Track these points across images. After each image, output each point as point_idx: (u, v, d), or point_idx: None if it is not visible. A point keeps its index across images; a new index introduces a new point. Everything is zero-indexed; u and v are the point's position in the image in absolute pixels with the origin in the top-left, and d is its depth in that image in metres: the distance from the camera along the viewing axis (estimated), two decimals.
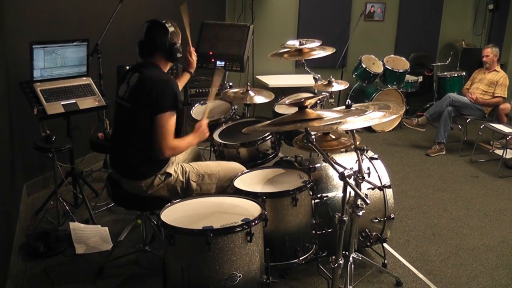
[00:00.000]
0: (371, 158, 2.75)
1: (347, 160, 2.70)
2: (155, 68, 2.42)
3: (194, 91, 4.69)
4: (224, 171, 2.56)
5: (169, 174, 2.44)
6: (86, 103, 3.28)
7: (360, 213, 2.20)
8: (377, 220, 2.70)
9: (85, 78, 3.42)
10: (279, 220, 2.30)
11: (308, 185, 2.38)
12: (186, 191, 2.48)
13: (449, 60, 6.30)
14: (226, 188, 2.52)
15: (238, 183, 2.42)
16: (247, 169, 2.64)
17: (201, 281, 1.89)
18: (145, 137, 2.36)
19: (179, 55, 2.46)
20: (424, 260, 2.94)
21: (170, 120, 2.32)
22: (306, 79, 5.47)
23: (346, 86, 3.21)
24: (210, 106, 3.00)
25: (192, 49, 2.87)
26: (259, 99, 3.21)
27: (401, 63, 5.86)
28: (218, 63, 3.90)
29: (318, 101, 3.22)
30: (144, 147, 2.37)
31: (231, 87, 3.57)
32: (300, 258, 2.38)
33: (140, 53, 2.47)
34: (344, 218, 2.04)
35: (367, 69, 5.65)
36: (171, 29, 2.41)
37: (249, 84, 3.33)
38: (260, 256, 2.02)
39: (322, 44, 3.26)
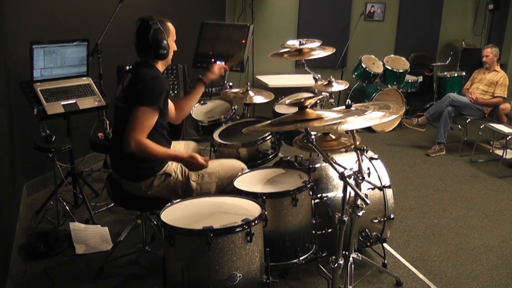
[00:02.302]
0: (371, 158, 2.75)
1: (347, 160, 2.70)
2: (148, 67, 2.41)
3: None
4: (224, 169, 2.56)
5: (169, 175, 2.43)
6: (86, 103, 3.29)
7: (360, 213, 2.20)
8: (377, 220, 2.70)
9: (85, 78, 3.43)
10: (279, 220, 2.30)
11: (308, 185, 2.38)
12: (186, 191, 2.47)
13: (449, 60, 6.30)
14: (227, 186, 2.51)
15: (238, 183, 2.42)
16: (247, 169, 2.64)
17: (201, 281, 1.89)
18: None
19: (162, 51, 2.39)
20: (424, 260, 2.94)
21: (147, 116, 2.24)
22: (306, 79, 5.47)
23: (346, 86, 3.21)
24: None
25: (224, 66, 2.91)
26: (259, 99, 3.21)
27: (401, 63, 5.86)
28: (218, 63, 3.89)
29: (318, 101, 3.22)
30: None
31: (231, 87, 3.56)
32: (300, 258, 2.38)
33: (137, 54, 2.47)
34: (344, 218, 2.04)
35: (367, 69, 5.65)
36: (154, 26, 2.36)
37: (249, 84, 3.33)
38: (260, 256, 2.02)
39: (322, 44, 3.26)
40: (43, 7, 3.54)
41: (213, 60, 3.91)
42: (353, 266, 2.40)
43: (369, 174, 2.42)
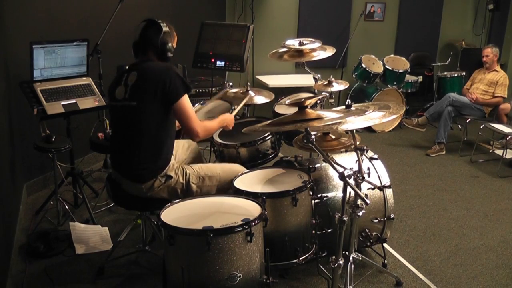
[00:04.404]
0: (371, 158, 2.75)
1: (347, 160, 2.70)
2: (150, 62, 2.41)
3: (194, 91, 4.69)
4: (224, 173, 2.55)
5: (170, 177, 2.42)
6: (86, 103, 3.29)
7: (360, 213, 2.20)
8: (377, 220, 2.70)
9: (85, 78, 3.43)
10: (279, 220, 2.30)
11: (308, 185, 2.38)
12: (186, 193, 2.47)
13: (449, 60, 6.31)
14: (227, 190, 2.51)
15: (238, 183, 2.42)
16: (247, 169, 2.64)
17: (201, 281, 1.89)
18: (151, 135, 2.36)
19: (170, 54, 2.44)
20: (424, 260, 2.94)
21: (188, 102, 2.36)
22: (306, 79, 5.47)
23: (346, 86, 3.21)
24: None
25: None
26: (259, 99, 3.21)
27: (401, 63, 5.86)
28: (218, 63, 3.90)
29: (318, 101, 3.22)
30: (149, 146, 2.36)
31: (231, 87, 3.57)
32: (300, 258, 2.38)
33: (134, 54, 2.46)
34: (344, 218, 2.04)
35: (367, 69, 5.65)
36: (165, 28, 2.40)
37: (249, 84, 3.33)
38: (260, 256, 2.02)
39: (322, 44, 3.26)
40: (43, 7, 3.54)
41: (213, 60, 3.92)
42: (353, 266, 2.40)
43: (369, 174, 2.42)
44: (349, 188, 1.99)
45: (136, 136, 2.38)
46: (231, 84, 3.65)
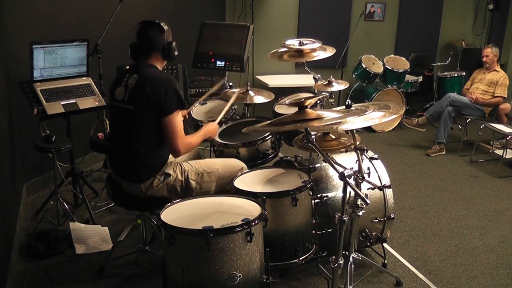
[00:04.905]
0: (371, 158, 2.75)
1: (347, 160, 2.70)
2: (152, 68, 2.41)
3: (194, 91, 4.69)
4: (223, 168, 2.56)
5: (168, 175, 2.43)
6: (86, 103, 3.29)
7: (360, 213, 2.21)
8: (377, 220, 2.70)
9: (85, 78, 3.43)
10: (279, 220, 2.30)
11: (308, 185, 2.38)
12: (185, 190, 2.48)
13: (449, 60, 6.30)
14: (226, 185, 2.52)
15: (238, 183, 2.42)
16: (247, 169, 2.64)
17: (201, 281, 1.89)
18: (148, 137, 2.36)
19: (176, 52, 2.44)
20: (424, 260, 2.94)
21: (179, 119, 2.35)
22: (306, 79, 5.47)
23: (346, 86, 3.22)
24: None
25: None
26: (259, 99, 3.21)
27: (401, 63, 5.86)
28: (218, 63, 3.90)
29: (318, 101, 3.22)
30: (146, 147, 2.36)
31: (231, 87, 3.57)
32: (300, 258, 2.38)
33: (133, 56, 2.43)
34: (344, 218, 2.04)
35: (367, 69, 5.65)
36: (165, 27, 2.40)
37: (249, 84, 3.33)
38: (260, 256, 2.02)
39: (322, 44, 3.27)
40: (43, 7, 3.54)
41: (213, 60, 3.91)
42: (353, 266, 2.40)
43: (369, 174, 2.42)
44: (349, 188, 1.99)
45: (135, 137, 2.38)
46: (231, 84, 3.65)
